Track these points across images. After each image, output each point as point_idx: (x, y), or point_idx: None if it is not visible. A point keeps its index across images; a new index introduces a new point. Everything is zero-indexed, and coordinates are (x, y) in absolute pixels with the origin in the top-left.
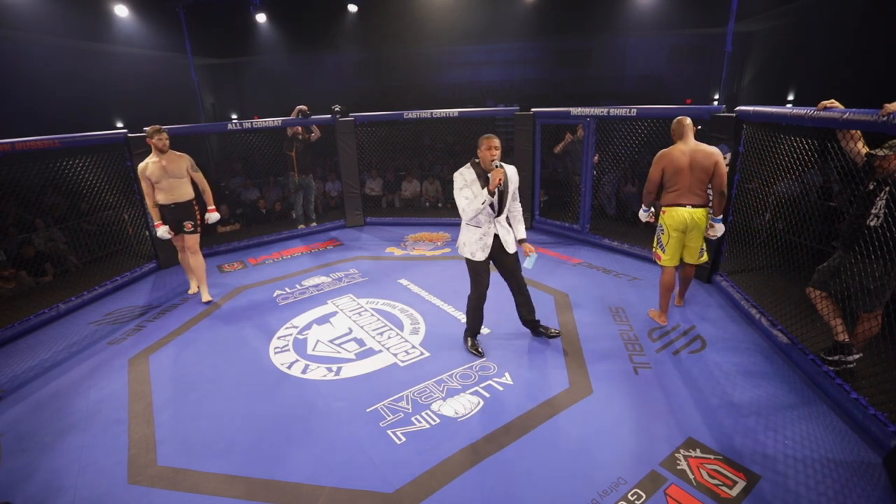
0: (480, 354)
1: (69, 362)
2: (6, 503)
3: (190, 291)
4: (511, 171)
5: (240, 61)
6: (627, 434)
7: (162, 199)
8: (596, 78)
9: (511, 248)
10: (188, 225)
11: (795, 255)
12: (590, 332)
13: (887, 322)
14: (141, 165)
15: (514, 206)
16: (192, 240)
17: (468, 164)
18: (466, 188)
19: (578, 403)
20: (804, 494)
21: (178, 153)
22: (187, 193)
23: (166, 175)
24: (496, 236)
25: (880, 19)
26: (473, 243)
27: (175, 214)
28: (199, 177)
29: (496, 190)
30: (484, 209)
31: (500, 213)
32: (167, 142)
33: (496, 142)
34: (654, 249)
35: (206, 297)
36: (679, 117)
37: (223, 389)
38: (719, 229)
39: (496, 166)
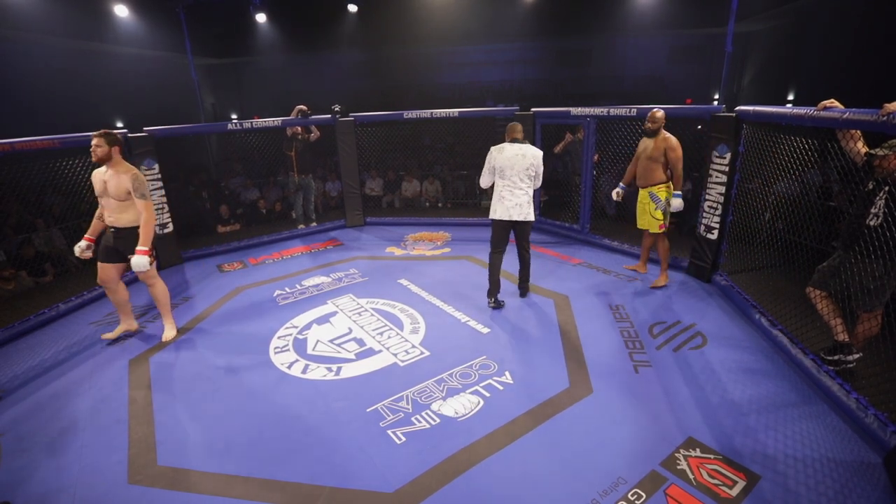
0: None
1: (69, 362)
2: (6, 503)
3: (107, 335)
4: None
5: (240, 61)
6: (627, 434)
7: (105, 216)
8: (596, 78)
9: None
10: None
11: (795, 255)
12: (590, 332)
13: (887, 322)
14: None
15: None
16: (142, 274)
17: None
18: None
19: (578, 403)
20: (804, 494)
21: (126, 169)
22: (128, 219)
23: (106, 192)
24: None
25: (880, 19)
26: None
27: (112, 241)
28: (144, 205)
29: None
30: None
31: None
32: (99, 150)
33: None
34: (662, 222)
35: (170, 332)
36: (663, 112)
37: (223, 389)
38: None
39: None
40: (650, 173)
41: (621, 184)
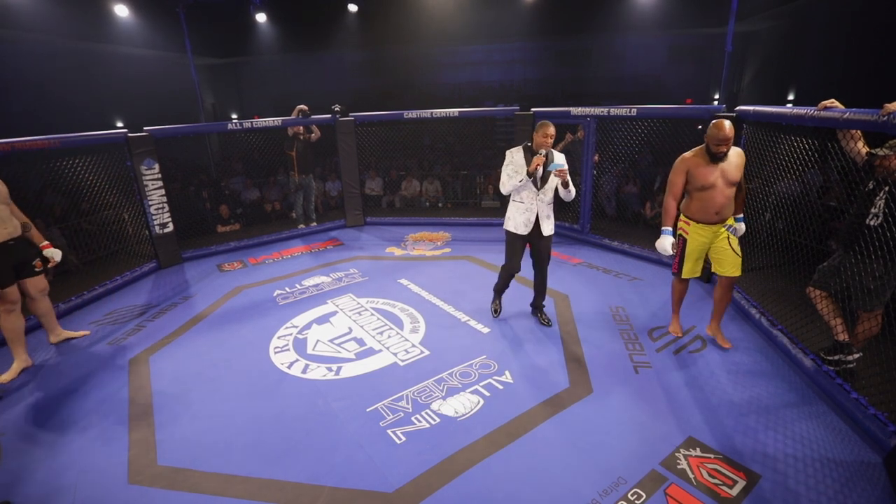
0: (495, 314)
1: (69, 362)
2: (6, 503)
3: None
4: (559, 158)
5: (240, 61)
6: (627, 433)
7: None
8: (596, 78)
9: (546, 230)
10: (39, 263)
11: (795, 255)
12: (590, 332)
13: (887, 322)
14: None
15: (565, 192)
16: (43, 281)
17: (521, 146)
18: (511, 165)
19: (578, 403)
20: (804, 494)
21: None
22: (17, 226)
23: None
24: (538, 216)
25: (880, 19)
26: (517, 217)
27: (17, 254)
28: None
29: (535, 172)
30: (521, 186)
31: (540, 189)
32: None
33: (551, 130)
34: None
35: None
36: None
37: (223, 389)
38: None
39: (541, 153)
40: (731, 202)
41: (669, 229)
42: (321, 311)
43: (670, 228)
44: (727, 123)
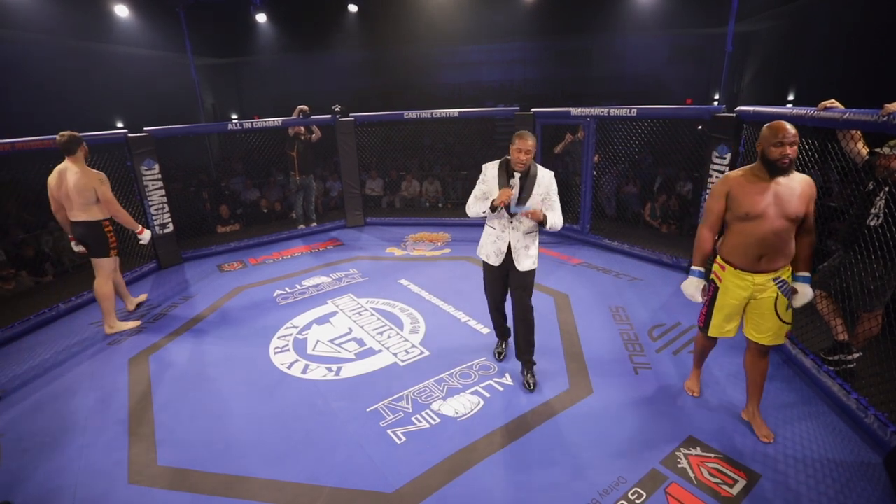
0: (497, 358)
1: (69, 362)
2: (6, 503)
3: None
4: (544, 177)
5: (240, 61)
6: (627, 433)
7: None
8: (596, 78)
9: (521, 265)
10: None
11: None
12: (590, 333)
13: (887, 322)
14: (100, 173)
15: (548, 217)
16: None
17: (501, 159)
18: (482, 184)
19: (578, 403)
20: (804, 493)
21: None
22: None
23: None
24: (510, 245)
25: (880, 19)
26: (488, 245)
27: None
28: None
29: (504, 203)
30: (483, 213)
31: (513, 218)
32: None
33: (529, 143)
34: (790, 327)
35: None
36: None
37: (223, 389)
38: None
39: (510, 183)
40: (785, 245)
41: (698, 269)
42: (321, 311)
43: (700, 269)
44: (787, 123)
